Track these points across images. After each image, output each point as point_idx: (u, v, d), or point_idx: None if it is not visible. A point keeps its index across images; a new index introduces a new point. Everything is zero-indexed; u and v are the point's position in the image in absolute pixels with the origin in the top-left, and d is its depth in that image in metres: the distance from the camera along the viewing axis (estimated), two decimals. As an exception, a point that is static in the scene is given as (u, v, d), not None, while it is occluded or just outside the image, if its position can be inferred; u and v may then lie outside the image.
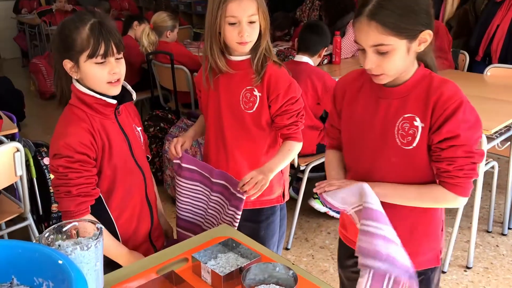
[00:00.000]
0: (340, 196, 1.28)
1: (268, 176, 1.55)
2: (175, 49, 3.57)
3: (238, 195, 1.51)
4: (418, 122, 1.24)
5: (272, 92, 1.63)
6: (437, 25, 3.40)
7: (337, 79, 2.69)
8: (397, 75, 1.26)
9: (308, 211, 3.10)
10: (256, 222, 1.80)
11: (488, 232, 2.83)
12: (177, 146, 1.65)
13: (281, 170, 1.76)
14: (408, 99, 1.26)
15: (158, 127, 3.44)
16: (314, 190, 1.32)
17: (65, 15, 5.88)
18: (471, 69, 3.67)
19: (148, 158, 1.67)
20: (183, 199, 1.67)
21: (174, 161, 1.66)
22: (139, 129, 1.60)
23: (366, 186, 1.24)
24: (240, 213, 1.52)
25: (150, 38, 3.63)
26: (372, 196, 1.22)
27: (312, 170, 2.76)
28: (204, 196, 1.64)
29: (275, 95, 1.63)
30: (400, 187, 1.30)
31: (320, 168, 2.79)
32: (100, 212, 1.46)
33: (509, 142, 2.63)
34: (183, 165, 1.63)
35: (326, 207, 3.04)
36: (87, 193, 1.41)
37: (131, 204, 1.53)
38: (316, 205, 2.94)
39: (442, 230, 1.41)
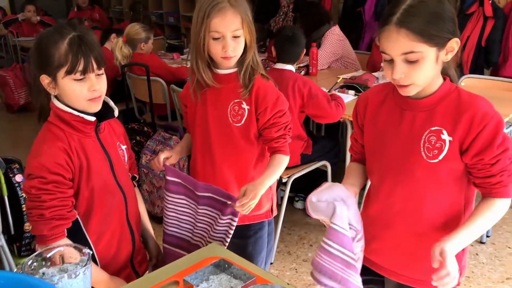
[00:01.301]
0: (323, 202, 1.20)
1: (259, 192, 1.52)
2: (151, 60, 3.51)
3: (230, 202, 1.47)
4: (445, 136, 1.23)
5: (260, 105, 1.61)
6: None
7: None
8: (425, 85, 1.23)
9: (290, 223, 3.08)
10: (243, 238, 1.75)
11: (467, 240, 2.86)
12: (159, 158, 1.61)
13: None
14: (435, 112, 1.25)
15: (134, 141, 3.35)
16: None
17: (33, 27, 5.72)
18: (444, 79, 3.74)
19: (135, 177, 1.61)
20: (169, 214, 1.61)
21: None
22: (123, 147, 1.54)
23: (338, 205, 1.18)
24: (236, 219, 1.48)
25: (123, 51, 3.56)
26: (342, 216, 1.18)
27: (294, 183, 2.73)
28: (191, 209, 1.59)
29: (263, 108, 1.61)
30: (468, 226, 1.24)
31: (304, 180, 2.79)
32: (77, 236, 1.39)
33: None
34: (168, 178, 1.58)
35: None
36: (62, 216, 1.33)
37: (111, 227, 1.46)
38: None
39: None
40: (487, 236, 2.87)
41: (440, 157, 1.23)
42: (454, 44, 1.20)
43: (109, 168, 1.45)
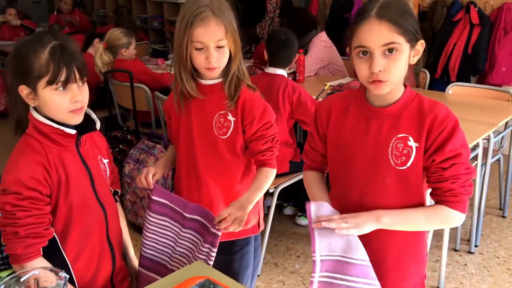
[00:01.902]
0: (328, 241, 1.22)
1: (247, 209, 1.46)
2: (134, 67, 3.43)
3: (213, 230, 1.40)
4: (412, 142, 1.24)
5: (246, 116, 1.55)
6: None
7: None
8: (395, 85, 1.24)
9: (277, 233, 3.02)
10: (229, 254, 1.69)
11: (455, 250, 2.83)
12: (148, 176, 1.52)
13: (256, 199, 1.67)
14: (401, 119, 1.26)
15: (117, 149, 3.27)
16: (313, 225, 1.23)
17: (13, 30, 5.59)
18: (429, 86, 3.72)
19: (117, 192, 1.54)
20: (149, 235, 1.54)
21: (148, 192, 1.54)
22: (105, 161, 1.47)
23: (354, 239, 1.22)
24: (215, 250, 1.41)
25: (103, 58, 3.47)
26: (360, 249, 1.21)
27: (283, 189, 2.68)
28: (173, 233, 1.52)
29: (250, 120, 1.55)
30: (406, 213, 1.27)
31: (293, 186, 2.74)
32: (53, 255, 1.32)
33: (476, 162, 2.64)
34: (153, 197, 1.51)
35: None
36: (37, 234, 1.26)
37: (90, 245, 1.38)
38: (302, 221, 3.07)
39: (426, 254, 1.41)
40: (475, 246, 2.84)
41: (409, 164, 1.25)
42: (420, 46, 1.24)
43: (89, 183, 1.38)
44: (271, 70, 2.60)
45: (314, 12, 4.98)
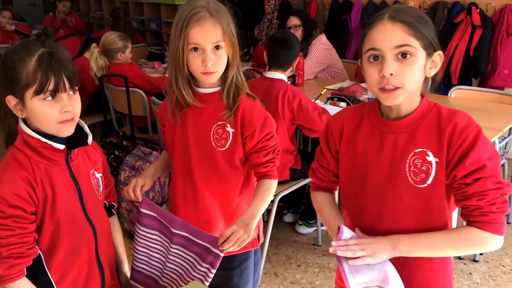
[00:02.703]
0: (363, 275, 1.13)
1: (252, 226, 1.39)
2: (130, 71, 3.35)
3: (215, 251, 1.33)
4: (431, 157, 1.13)
5: (247, 128, 1.47)
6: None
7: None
8: (410, 95, 1.14)
9: (277, 242, 2.95)
10: (228, 270, 1.61)
11: (460, 259, 2.76)
12: (136, 189, 1.46)
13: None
14: (417, 132, 1.15)
15: (112, 155, 3.19)
16: (331, 250, 1.15)
17: (8, 34, 5.50)
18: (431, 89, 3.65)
19: (113, 206, 1.47)
20: (140, 249, 1.48)
21: (136, 204, 1.47)
22: (98, 175, 1.38)
23: (390, 267, 1.13)
24: (214, 271, 1.35)
25: (98, 62, 3.39)
26: (396, 279, 1.12)
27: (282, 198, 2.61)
28: (163, 247, 1.46)
29: (250, 131, 1.47)
30: (427, 237, 1.15)
31: (294, 192, 2.67)
32: (37, 274, 1.24)
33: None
34: (142, 210, 1.44)
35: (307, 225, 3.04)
36: (21, 254, 1.19)
37: (77, 265, 1.31)
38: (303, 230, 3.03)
39: (453, 279, 1.30)
40: (480, 254, 2.77)
41: (429, 181, 1.13)
42: (438, 57, 1.15)
43: (77, 200, 1.30)
44: (270, 74, 2.53)
45: (313, 14, 4.90)
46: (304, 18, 3.68)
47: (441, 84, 3.98)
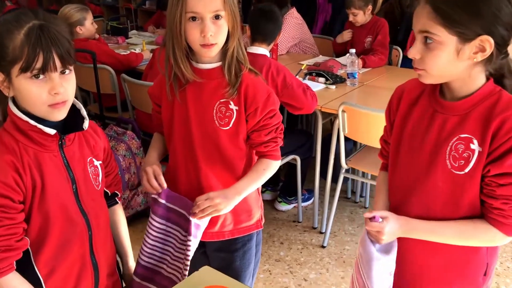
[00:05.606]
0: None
1: (231, 201, 1.35)
2: (97, 48, 3.17)
3: (188, 216, 1.32)
4: (475, 146, 1.07)
5: (250, 105, 1.40)
6: (383, 21, 3.36)
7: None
8: (442, 78, 1.10)
9: (257, 220, 2.92)
10: (230, 252, 1.57)
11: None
12: (160, 177, 1.38)
13: (258, 189, 1.55)
14: (469, 117, 1.09)
15: (81, 136, 3.04)
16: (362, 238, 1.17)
17: None
18: (402, 63, 3.68)
19: (116, 194, 1.37)
20: (150, 242, 1.41)
21: (152, 195, 1.38)
22: (98, 163, 1.27)
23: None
24: (190, 238, 1.31)
25: None
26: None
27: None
28: (174, 238, 1.40)
29: (253, 109, 1.40)
30: (441, 226, 1.14)
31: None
32: (23, 268, 1.14)
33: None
34: (161, 201, 1.36)
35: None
36: (9, 246, 1.09)
37: (68, 261, 1.20)
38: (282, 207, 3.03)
39: (485, 275, 1.22)
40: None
41: (467, 170, 1.09)
42: (487, 44, 1.02)
43: (70, 190, 1.19)
44: (253, 49, 2.44)
45: (279, -13, 4.81)
46: None
47: (409, 58, 4.03)
